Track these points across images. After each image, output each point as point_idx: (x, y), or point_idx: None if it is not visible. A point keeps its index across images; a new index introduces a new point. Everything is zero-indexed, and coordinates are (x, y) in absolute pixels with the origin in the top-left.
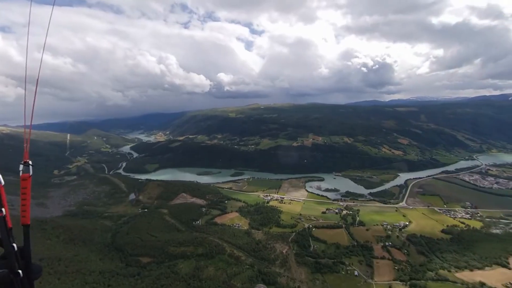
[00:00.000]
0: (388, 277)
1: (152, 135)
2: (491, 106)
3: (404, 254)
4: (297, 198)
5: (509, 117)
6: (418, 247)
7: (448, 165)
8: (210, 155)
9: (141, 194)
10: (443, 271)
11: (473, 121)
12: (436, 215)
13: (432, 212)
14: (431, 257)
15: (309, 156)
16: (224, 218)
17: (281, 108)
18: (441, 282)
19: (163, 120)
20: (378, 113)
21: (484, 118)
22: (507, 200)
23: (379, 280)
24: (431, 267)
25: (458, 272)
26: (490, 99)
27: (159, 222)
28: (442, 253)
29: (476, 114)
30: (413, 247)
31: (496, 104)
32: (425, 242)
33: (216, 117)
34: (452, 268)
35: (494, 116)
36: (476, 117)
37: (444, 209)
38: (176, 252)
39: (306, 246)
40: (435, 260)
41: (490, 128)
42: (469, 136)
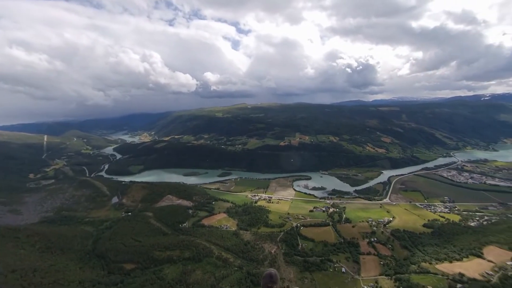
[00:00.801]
0: (374, 272)
1: (136, 135)
2: (466, 106)
3: (388, 249)
4: (285, 197)
5: (482, 116)
6: (401, 241)
7: (427, 162)
8: (196, 155)
9: (125, 197)
10: (425, 264)
11: (449, 120)
12: (417, 210)
13: (414, 208)
14: (414, 251)
15: (296, 155)
16: (211, 219)
17: (268, 108)
18: (423, 275)
19: (148, 121)
20: (362, 112)
21: (459, 118)
22: (481, 194)
23: (366, 276)
24: (414, 260)
25: (438, 264)
26: (465, 99)
27: (143, 226)
28: (424, 246)
29: (452, 113)
30: (397, 242)
31: (470, 104)
32: (408, 236)
33: (203, 117)
34: (433, 261)
35: (468, 116)
36: (452, 117)
37: (425, 204)
38: (162, 257)
39: (295, 245)
40: (417, 253)
41: (465, 127)
42: (446, 134)
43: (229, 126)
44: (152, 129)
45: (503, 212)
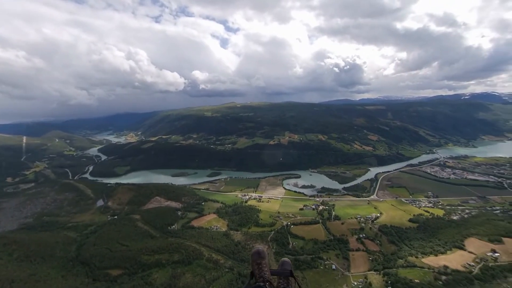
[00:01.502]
0: (363, 268)
1: (122, 136)
2: (447, 105)
3: (377, 244)
4: (275, 196)
5: (462, 115)
6: (389, 237)
7: (412, 158)
8: (185, 155)
9: (110, 200)
10: (412, 258)
11: (432, 119)
12: (403, 206)
13: (400, 203)
14: (401, 246)
15: (285, 154)
16: (201, 220)
17: (257, 107)
18: (410, 269)
19: (134, 120)
20: (350, 111)
21: (441, 116)
22: (462, 189)
23: (355, 272)
24: (401, 254)
25: (424, 258)
26: (446, 98)
27: (130, 230)
28: (410, 241)
29: (434, 112)
30: (385, 237)
31: (451, 103)
32: (395, 231)
33: (191, 117)
34: (419, 254)
35: (449, 114)
36: (434, 115)
37: (410, 200)
38: (150, 261)
39: (285, 244)
40: (404, 248)
41: (446, 125)
42: (429, 132)
43: (219, 126)
44: (139, 129)
45: (482, 205)
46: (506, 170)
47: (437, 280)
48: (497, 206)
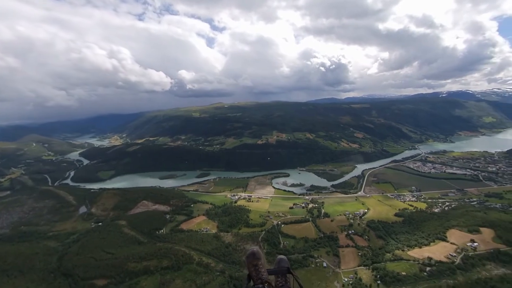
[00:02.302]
0: (353, 264)
1: (105, 138)
2: (427, 102)
3: (365, 240)
4: (265, 195)
5: (440, 112)
6: (376, 232)
7: (396, 154)
8: (173, 157)
9: (94, 206)
10: (398, 251)
11: (413, 116)
12: (389, 201)
13: (385, 198)
14: (388, 240)
15: (274, 153)
16: (190, 223)
17: (245, 107)
18: (397, 262)
19: (119, 122)
20: (336, 110)
21: (422, 113)
22: (442, 183)
23: (346, 268)
24: (389, 249)
25: (410, 250)
26: (426, 96)
27: (116, 236)
28: (396, 235)
29: (415, 109)
30: (373, 232)
31: (430, 101)
32: (382, 226)
33: (179, 117)
34: (405, 248)
35: (429, 111)
36: (416, 112)
37: (395, 194)
38: (138, 268)
39: (276, 244)
40: (391, 242)
41: (426, 122)
42: (411, 128)
43: (206, 126)
44: (124, 131)
45: (461, 197)
46: (481, 164)
47: (422, 271)
48: (474, 197)
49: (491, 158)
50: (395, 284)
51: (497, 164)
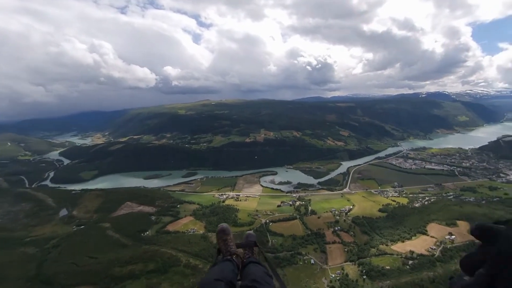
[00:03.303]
0: (340, 259)
1: (88, 137)
2: (408, 102)
3: (351, 236)
4: (253, 194)
5: (420, 111)
6: (361, 227)
7: (379, 152)
8: (158, 156)
9: (76, 208)
10: (382, 246)
11: (396, 115)
12: (373, 197)
13: (370, 194)
14: (373, 235)
15: (261, 151)
16: (177, 224)
17: (232, 104)
18: (382, 256)
19: (101, 120)
20: (322, 108)
21: (403, 112)
22: (422, 178)
23: (333, 264)
24: (373, 244)
25: (393, 245)
26: (407, 96)
27: (99, 240)
28: (380, 230)
29: (398, 109)
30: (358, 228)
31: (411, 101)
32: (367, 222)
33: (164, 115)
34: (389, 242)
35: (410, 111)
36: (398, 112)
37: (379, 190)
38: (123, 273)
39: (265, 242)
40: (376, 237)
41: (408, 120)
42: (394, 127)
43: (193, 124)
44: (106, 129)
45: (439, 192)
46: (456, 159)
47: (405, 265)
48: (450, 192)
49: (465, 154)
50: (380, 278)
51: (470, 160)
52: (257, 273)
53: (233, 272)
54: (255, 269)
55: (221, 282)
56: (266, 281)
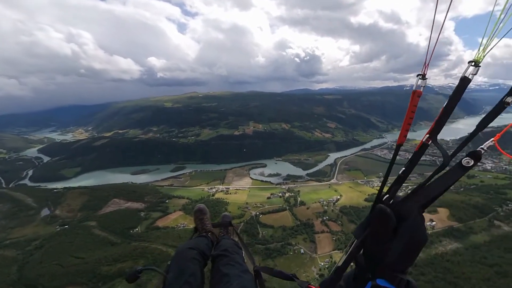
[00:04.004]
0: (328, 248)
1: (68, 132)
2: (393, 94)
3: (339, 225)
4: (242, 186)
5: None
6: (349, 216)
7: (365, 143)
8: (145, 151)
9: (58, 207)
10: None
11: (381, 107)
12: (359, 187)
13: (356, 185)
14: None
15: (251, 144)
16: (166, 219)
17: (220, 97)
18: None
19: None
20: (310, 100)
21: (388, 104)
22: None
23: (321, 253)
24: None
25: None
26: (392, 89)
27: (86, 239)
28: None
29: (383, 101)
30: (345, 217)
31: (396, 93)
32: (353, 211)
33: (150, 108)
34: None
35: (395, 103)
36: (383, 104)
37: (365, 181)
38: (112, 272)
39: (255, 234)
40: None
41: (392, 112)
42: (379, 119)
43: (180, 117)
44: (89, 124)
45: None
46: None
47: None
48: None
49: (446, 145)
50: None
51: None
52: (228, 244)
53: (207, 245)
54: (226, 241)
55: (194, 250)
56: (236, 251)
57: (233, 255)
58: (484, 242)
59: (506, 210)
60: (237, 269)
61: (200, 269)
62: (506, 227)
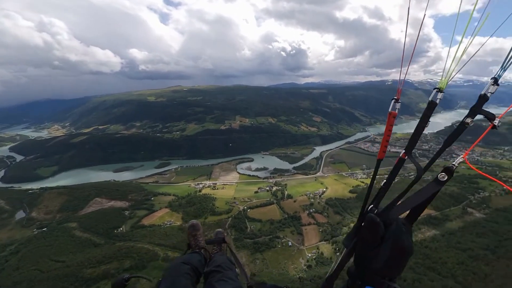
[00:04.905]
0: (315, 240)
1: (43, 129)
2: (375, 89)
3: (325, 216)
4: (230, 181)
5: (386, 98)
6: (334, 208)
7: (349, 136)
8: (128, 147)
9: (35, 209)
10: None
11: (365, 101)
12: (344, 179)
13: (341, 177)
14: (344, 215)
15: (237, 138)
16: (152, 217)
17: (206, 90)
18: None
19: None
20: (296, 94)
21: (371, 99)
22: (388, 160)
23: (309, 245)
24: (345, 223)
25: None
26: (375, 84)
27: (66, 241)
28: (351, 209)
29: (366, 95)
30: (331, 209)
31: (378, 88)
32: (339, 203)
33: (132, 102)
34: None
35: (377, 97)
36: (366, 98)
37: (349, 173)
38: (96, 274)
39: (243, 229)
40: (347, 216)
41: (375, 107)
42: (362, 113)
43: (164, 111)
44: (66, 120)
45: (402, 172)
46: None
47: None
48: (412, 172)
49: (424, 138)
50: None
51: (429, 143)
52: (221, 260)
53: (200, 262)
54: (219, 258)
55: (187, 265)
56: (229, 267)
57: (226, 271)
58: (459, 228)
59: (478, 198)
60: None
61: (192, 284)
62: (478, 214)
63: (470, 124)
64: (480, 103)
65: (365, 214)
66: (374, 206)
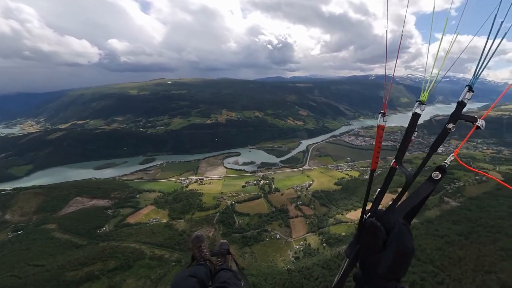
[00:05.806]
0: (302, 232)
1: (15, 125)
2: (359, 84)
3: (311, 209)
4: (217, 176)
5: (370, 92)
6: (320, 200)
7: (334, 130)
8: (110, 143)
9: (9, 211)
10: (339, 215)
11: (349, 95)
12: (329, 172)
13: (327, 170)
14: (330, 207)
15: (224, 133)
16: (137, 215)
17: (190, 83)
18: (338, 225)
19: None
20: (283, 88)
21: (355, 93)
22: (370, 153)
23: (296, 237)
24: (331, 214)
25: (348, 213)
26: (359, 78)
27: (44, 244)
28: (337, 201)
29: (350, 90)
30: (317, 201)
31: (362, 82)
32: (325, 195)
33: (113, 96)
34: (344, 212)
35: (361, 92)
36: (350, 92)
37: (335, 166)
38: (79, 277)
39: (232, 223)
40: (333, 208)
41: (359, 101)
42: (347, 107)
43: (148, 105)
44: (40, 115)
45: (384, 164)
46: (398, 136)
47: None
48: None
49: None
50: (337, 245)
51: None
52: (227, 276)
53: (206, 274)
54: (225, 274)
55: (193, 278)
56: (235, 283)
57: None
58: (436, 217)
59: (454, 188)
60: None
61: None
62: (453, 202)
63: (452, 130)
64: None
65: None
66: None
